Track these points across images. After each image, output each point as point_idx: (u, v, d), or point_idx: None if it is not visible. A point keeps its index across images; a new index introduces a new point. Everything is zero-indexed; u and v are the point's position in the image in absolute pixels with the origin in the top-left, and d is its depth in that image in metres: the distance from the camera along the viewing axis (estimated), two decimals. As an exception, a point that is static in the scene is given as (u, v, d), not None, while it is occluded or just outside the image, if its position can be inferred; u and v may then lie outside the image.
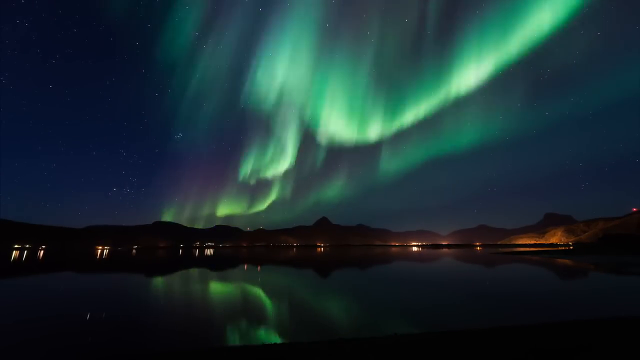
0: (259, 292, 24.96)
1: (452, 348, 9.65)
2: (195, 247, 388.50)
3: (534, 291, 23.45)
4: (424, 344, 10.12)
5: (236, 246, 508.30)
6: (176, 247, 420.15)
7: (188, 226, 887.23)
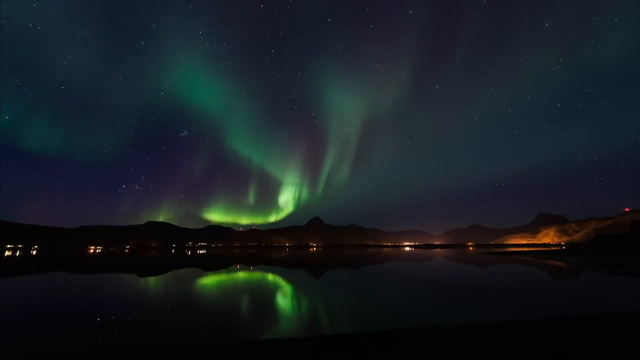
0: (253, 291, 24.71)
1: (434, 344, 9.40)
2: (188, 247, 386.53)
3: (518, 290, 23.08)
4: (407, 340, 9.80)
5: (228, 246, 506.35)
6: (168, 247, 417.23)
7: (180, 226, 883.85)
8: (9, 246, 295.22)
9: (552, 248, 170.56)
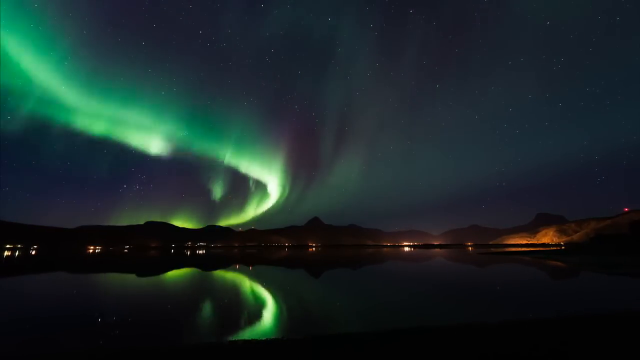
0: (253, 291, 24.65)
1: (434, 344, 9.18)
2: (187, 247, 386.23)
3: (517, 290, 22.92)
4: (407, 340, 9.65)
5: (228, 246, 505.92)
6: (168, 247, 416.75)
7: (180, 226, 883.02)
8: (8, 246, 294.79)
9: (551, 248, 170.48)
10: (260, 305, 19.07)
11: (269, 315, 16.16)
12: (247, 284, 29.26)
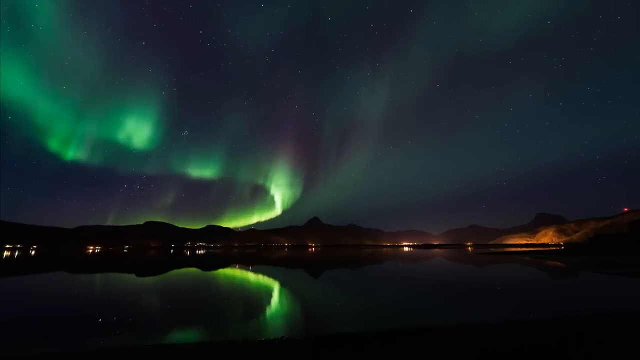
0: (252, 290, 24.68)
1: (434, 344, 9.26)
2: (187, 247, 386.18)
3: (517, 290, 22.77)
4: (407, 340, 9.74)
5: (227, 246, 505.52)
6: (167, 247, 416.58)
7: (179, 226, 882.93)
8: (8, 246, 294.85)
9: (551, 248, 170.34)
10: (260, 305, 19.07)
11: (269, 315, 16.16)
12: (247, 284, 29.32)
